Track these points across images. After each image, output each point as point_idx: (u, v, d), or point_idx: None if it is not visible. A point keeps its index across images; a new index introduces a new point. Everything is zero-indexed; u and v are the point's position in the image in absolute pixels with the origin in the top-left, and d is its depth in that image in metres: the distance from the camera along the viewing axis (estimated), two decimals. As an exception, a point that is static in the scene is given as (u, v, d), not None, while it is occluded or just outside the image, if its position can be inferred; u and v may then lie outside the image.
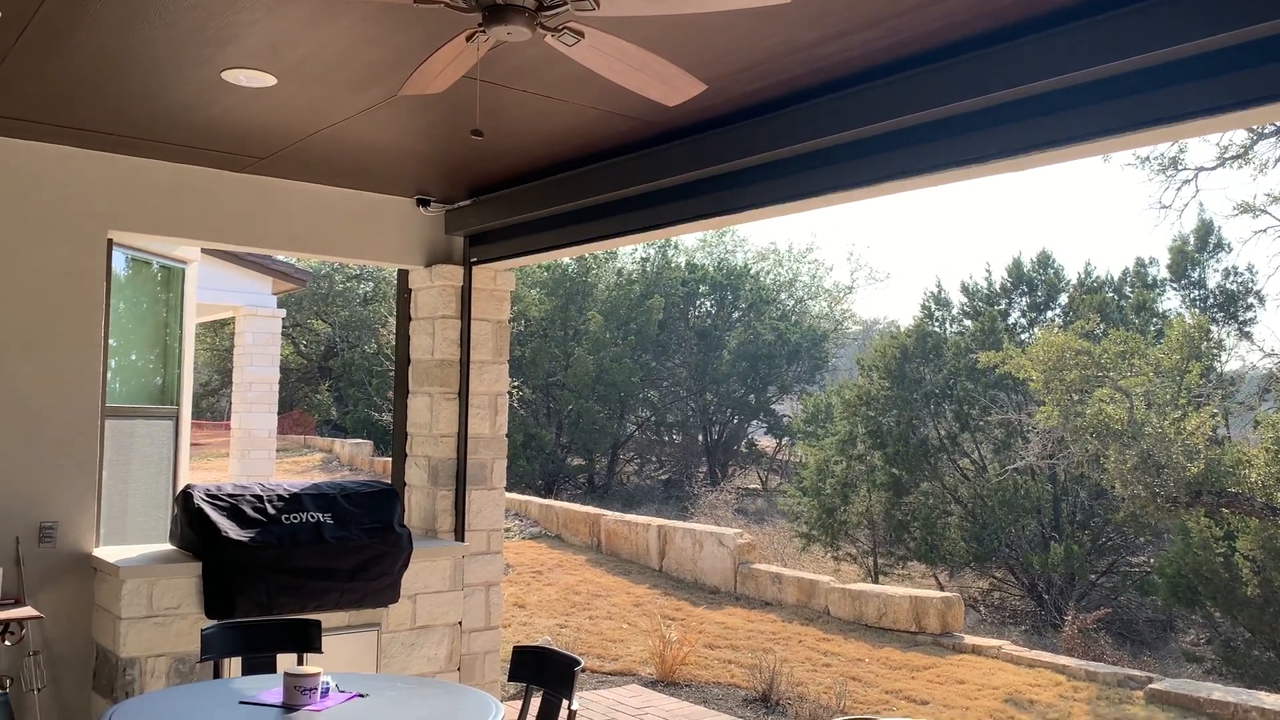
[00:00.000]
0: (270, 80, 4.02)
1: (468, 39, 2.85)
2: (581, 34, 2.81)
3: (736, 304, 24.94)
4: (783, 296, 26.76)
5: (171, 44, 3.66)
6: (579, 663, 3.78)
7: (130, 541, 6.71)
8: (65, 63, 3.90)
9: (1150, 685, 7.73)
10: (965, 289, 16.49)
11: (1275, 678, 10.40)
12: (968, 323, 16.13)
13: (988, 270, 18.65)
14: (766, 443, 25.25)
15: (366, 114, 4.44)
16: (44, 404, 5.05)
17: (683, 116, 4.37)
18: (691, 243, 28.01)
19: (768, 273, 27.68)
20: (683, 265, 25.15)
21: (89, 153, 5.18)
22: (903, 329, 16.59)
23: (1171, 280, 14.86)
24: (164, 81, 4.08)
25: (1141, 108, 3.25)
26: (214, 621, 4.68)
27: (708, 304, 25.12)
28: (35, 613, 4.70)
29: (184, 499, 5.16)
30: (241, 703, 3.47)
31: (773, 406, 24.30)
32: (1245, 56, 2.99)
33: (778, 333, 23.71)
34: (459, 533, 6.17)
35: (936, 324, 16.37)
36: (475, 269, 6.25)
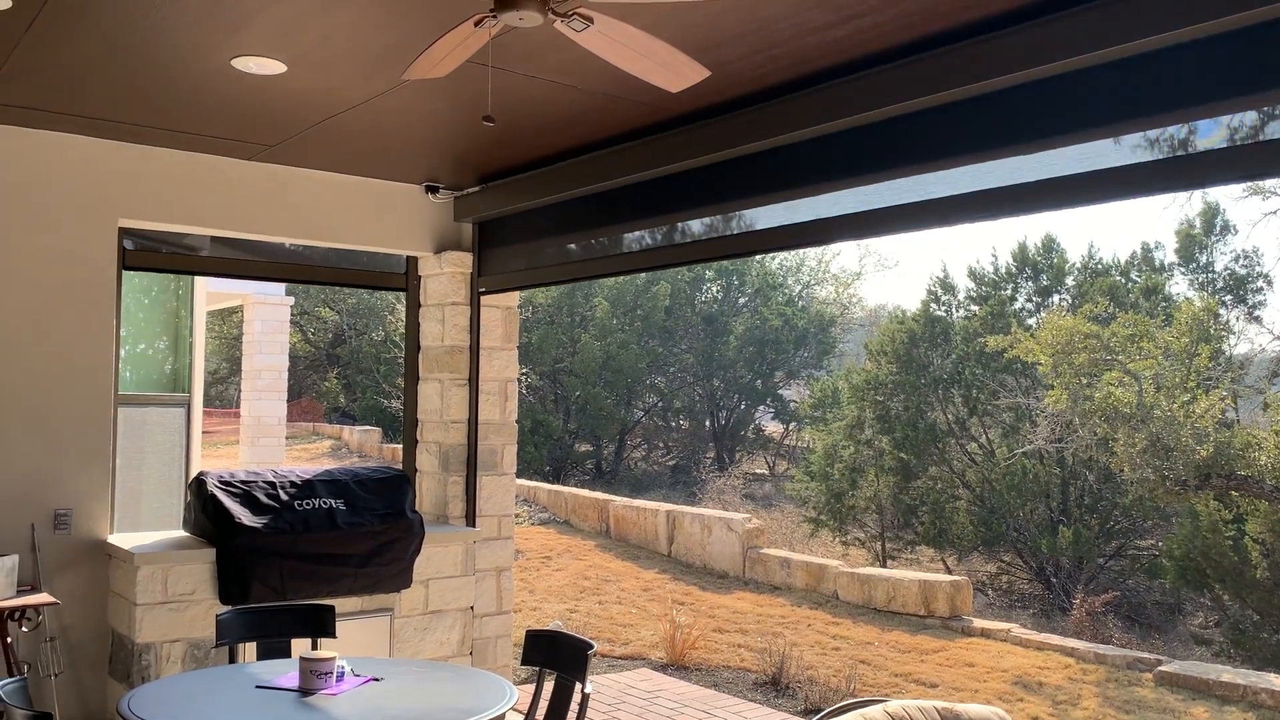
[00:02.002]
0: (280, 67, 4.02)
1: (476, 24, 2.84)
2: (590, 20, 2.81)
3: (743, 289, 24.91)
4: (789, 282, 26.71)
5: (182, 31, 3.66)
6: (592, 646, 3.80)
7: (144, 528, 6.77)
8: (75, 50, 3.91)
9: (1159, 668, 7.74)
10: (972, 274, 16.44)
11: (1284, 660, 10.40)
12: (975, 308, 16.09)
13: (994, 255, 18.58)
14: (774, 428, 25.27)
15: (376, 100, 4.44)
16: (57, 392, 5.08)
17: (694, 101, 4.36)
18: (698, 228, 27.94)
19: (774, 258, 27.60)
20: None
21: (99, 141, 5.19)
22: (910, 314, 16.55)
23: (1180, 264, 14.80)
24: (174, 69, 4.09)
25: (1157, 87, 3.24)
26: (229, 607, 4.72)
27: (714, 289, 25.08)
28: (51, 599, 4.74)
29: (197, 486, 5.19)
30: (258, 687, 3.50)
31: (780, 392, 24.30)
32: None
33: (784, 318, 23.69)
34: (470, 518, 6.20)
35: (943, 309, 16.33)
36: (485, 254, 6.25)
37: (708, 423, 24.63)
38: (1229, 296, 13.90)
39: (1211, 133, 3.40)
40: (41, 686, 4.90)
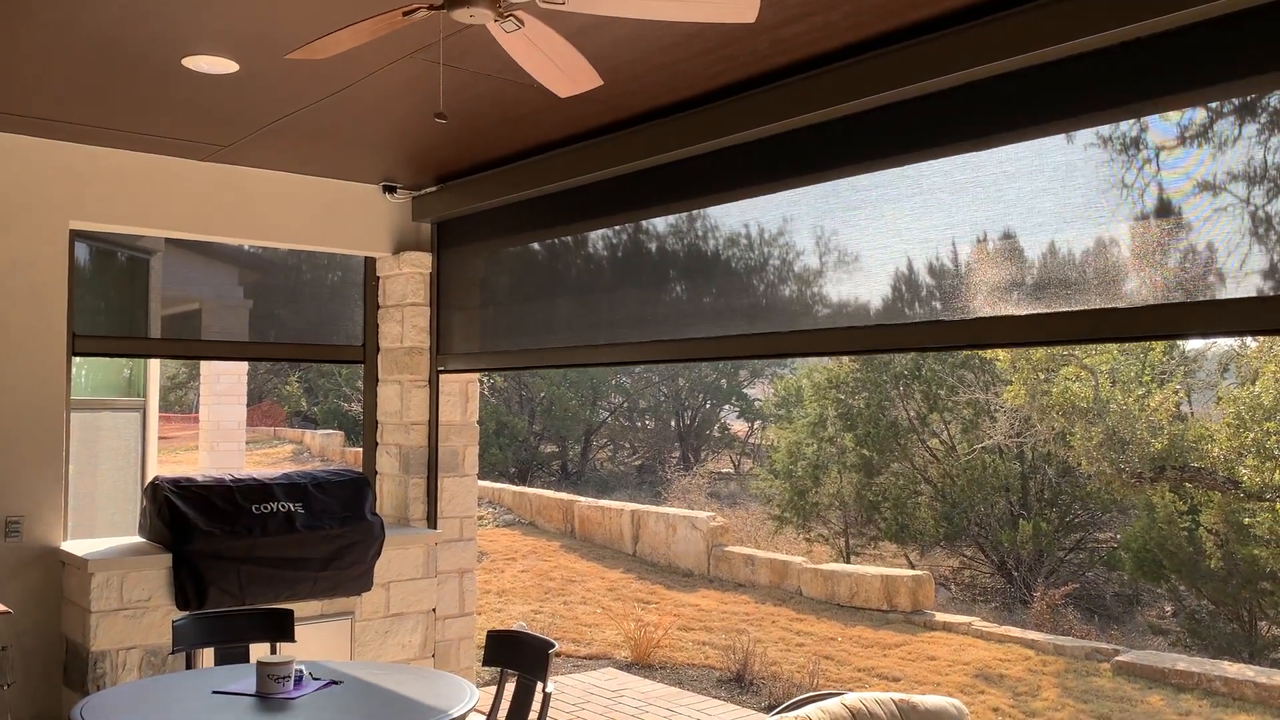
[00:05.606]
0: (232, 66, 3.98)
1: (405, 14, 2.79)
2: (522, 22, 2.80)
3: (708, 289, 25.00)
4: (753, 281, 26.84)
5: (132, 29, 3.62)
6: (553, 645, 3.80)
7: (99, 534, 6.66)
8: (22, 48, 3.85)
9: (1117, 658, 7.86)
10: (932, 270, 16.60)
11: (1238, 648, 10.60)
12: (936, 304, 16.23)
13: (954, 249, 18.78)
14: (738, 426, 25.38)
15: (330, 100, 4.41)
16: (7, 397, 4.99)
17: (650, 100, 4.37)
18: (662, 228, 28.04)
19: (738, 258, 27.75)
20: (654, 251, 25.17)
21: (48, 142, 5.11)
22: (870, 311, 16.67)
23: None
24: (124, 68, 4.04)
25: (1106, 87, 3.30)
26: (185, 613, 4.66)
27: (679, 289, 25.15)
28: (3, 608, 4.65)
29: (153, 491, 5.12)
30: (215, 693, 3.47)
31: (744, 390, 24.41)
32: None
33: (748, 317, 23.79)
34: (431, 520, 6.17)
35: (905, 305, 16.46)
36: (445, 254, 6.23)
37: (673, 422, 24.69)
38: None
39: (1163, 130, 3.48)
40: (-6, 697, 4.82)
